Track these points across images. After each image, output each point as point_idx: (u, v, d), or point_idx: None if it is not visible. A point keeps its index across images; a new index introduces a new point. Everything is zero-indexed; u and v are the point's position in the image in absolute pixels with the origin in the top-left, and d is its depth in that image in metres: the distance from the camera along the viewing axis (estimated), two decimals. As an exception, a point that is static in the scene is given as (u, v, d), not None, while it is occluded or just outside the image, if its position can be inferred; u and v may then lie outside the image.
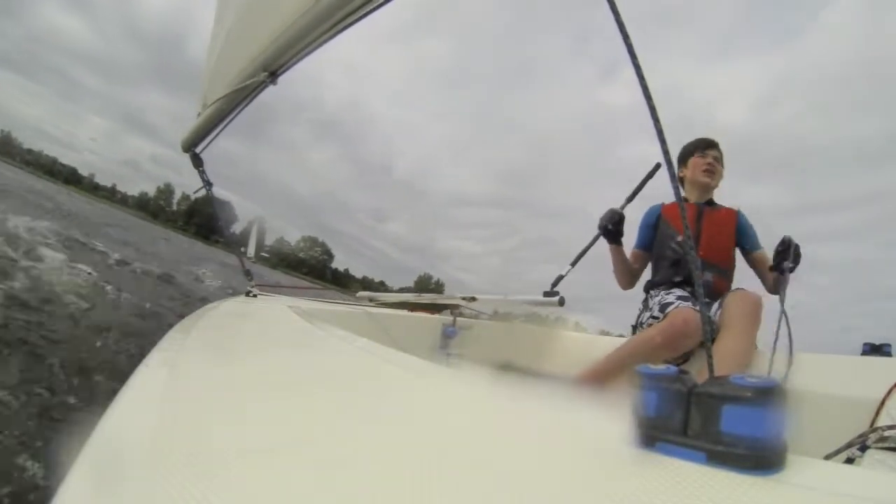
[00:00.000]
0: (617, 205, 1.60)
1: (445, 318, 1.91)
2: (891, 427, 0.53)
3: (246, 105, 1.31)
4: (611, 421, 0.33)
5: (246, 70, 1.16)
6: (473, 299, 1.77)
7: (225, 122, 1.40)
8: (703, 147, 1.63)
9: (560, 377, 1.26)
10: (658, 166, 1.63)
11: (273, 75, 1.13)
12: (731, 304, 1.27)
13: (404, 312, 1.90)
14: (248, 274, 1.58)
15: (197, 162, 1.53)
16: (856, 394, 1.01)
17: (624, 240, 1.65)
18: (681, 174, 1.69)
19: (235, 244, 1.65)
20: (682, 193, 1.71)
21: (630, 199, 1.61)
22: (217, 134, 1.45)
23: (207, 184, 1.56)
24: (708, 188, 1.63)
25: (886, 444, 0.50)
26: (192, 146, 1.52)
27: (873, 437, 0.52)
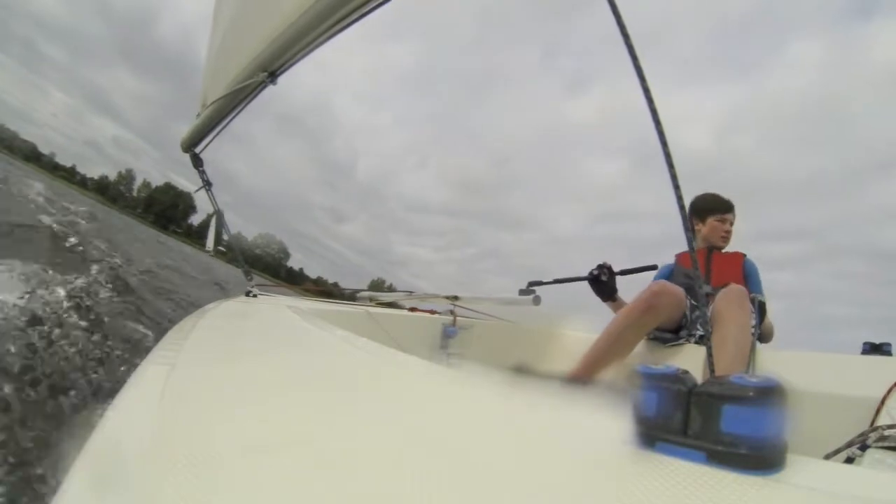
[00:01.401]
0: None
1: (445, 318, 1.91)
2: (891, 426, 0.53)
3: (245, 105, 1.31)
4: (611, 421, 0.33)
5: (245, 70, 1.16)
6: (456, 298, 1.80)
7: (224, 123, 1.39)
8: (723, 210, 1.73)
9: (563, 377, 1.26)
10: (656, 266, 1.79)
11: (272, 75, 1.13)
12: (719, 301, 1.29)
13: (404, 312, 1.90)
14: (247, 274, 1.58)
15: (197, 162, 1.53)
16: (856, 393, 1.01)
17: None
18: (696, 227, 1.79)
19: (237, 249, 1.64)
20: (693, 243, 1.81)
21: (623, 272, 1.71)
22: (217, 134, 1.45)
23: (207, 184, 1.55)
24: (720, 249, 1.74)
25: (887, 444, 0.50)
26: (191, 146, 1.52)
27: (873, 436, 0.52)
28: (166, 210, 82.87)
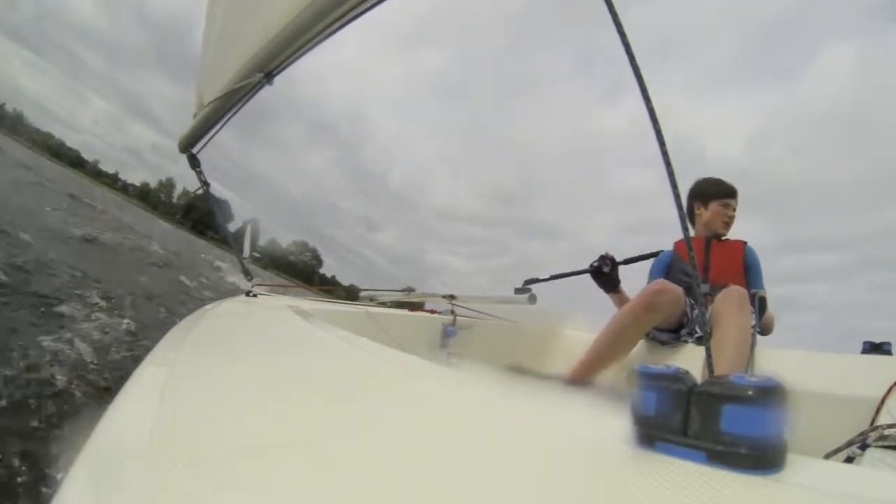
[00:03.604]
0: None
1: (445, 317, 1.91)
2: (891, 426, 0.53)
3: (242, 106, 1.30)
4: (611, 421, 0.33)
5: (241, 70, 1.15)
6: (453, 297, 1.82)
7: (221, 123, 1.39)
8: (727, 195, 1.68)
9: (562, 377, 1.26)
10: (660, 252, 1.76)
11: (268, 76, 1.13)
12: (718, 303, 1.28)
13: (404, 312, 1.90)
14: (247, 274, 1.58)
15: (194, 162, 1.53)
16: (856, 392, 1.01)
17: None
18: (698, 211, 1.74)
19: (235, 244, 1.65)
20: (692, 230, 1.76)
21: (626, 261, 1.70)
22: (214, 134, 1.45)
23: (205, 184, 1.56)
24: (721, 236, 1.70)
25: (887, 443, 0.50)
26: (188, 147, 1.52)
27: (874, 435, 0.52)
28: (203, 217, 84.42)
